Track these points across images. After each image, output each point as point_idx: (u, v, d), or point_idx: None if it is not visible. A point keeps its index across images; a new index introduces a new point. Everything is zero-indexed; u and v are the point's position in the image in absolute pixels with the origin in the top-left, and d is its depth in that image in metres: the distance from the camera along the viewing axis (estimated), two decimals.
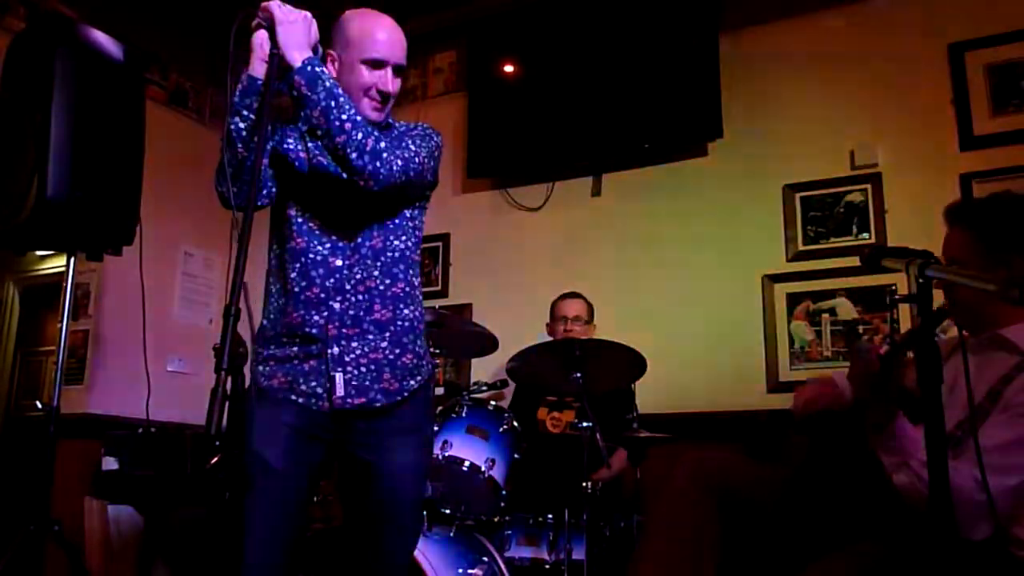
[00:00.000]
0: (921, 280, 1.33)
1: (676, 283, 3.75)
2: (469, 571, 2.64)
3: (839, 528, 1.76)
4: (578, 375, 2.73)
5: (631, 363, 2.81)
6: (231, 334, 1.34)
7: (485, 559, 2.70)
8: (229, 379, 1.36)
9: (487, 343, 3.13)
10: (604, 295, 3.48)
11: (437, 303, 4.01)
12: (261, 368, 1.86)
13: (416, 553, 2.47)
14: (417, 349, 1.91)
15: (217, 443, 1.27)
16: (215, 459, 1.39)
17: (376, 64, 1.83)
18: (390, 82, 1.85)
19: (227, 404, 1.36)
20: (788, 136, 3.66)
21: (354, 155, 1.70)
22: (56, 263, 4.78)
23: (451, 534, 2.74)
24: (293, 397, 1.81)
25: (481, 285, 4.18)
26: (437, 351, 2.91)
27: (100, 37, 2.48)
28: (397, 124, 1.98)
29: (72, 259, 2.56)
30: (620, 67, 3.88)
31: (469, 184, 4.33)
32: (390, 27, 1.87)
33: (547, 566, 2.76)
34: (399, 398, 1.85)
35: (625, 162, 3.97)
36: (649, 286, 3.79)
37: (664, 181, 3.89)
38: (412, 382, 1.88)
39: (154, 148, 2.67)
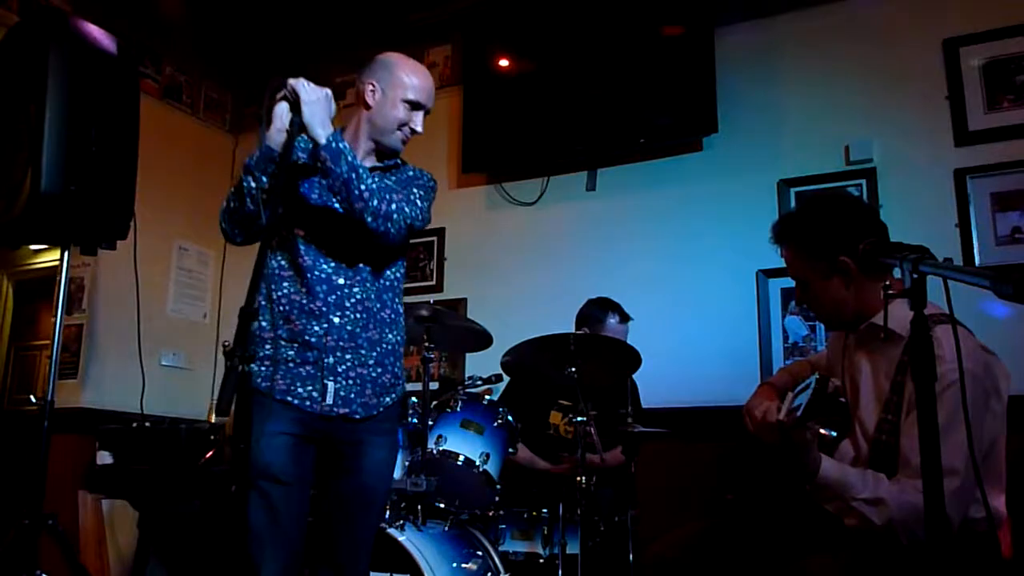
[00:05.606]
0: (916, 276, 1.32)
1: (670, 277, 3.76)
2: (463, 565, 2.63)
3: (793, 544, 1.77)
4: (572, 369, 2.74)
5: (625, 358, 2.82)
6: (247, 332, 1.42)
7: (479, 553, 2.70)
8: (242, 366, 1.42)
9: (481, 338, 3.13)
10: (598, 290, 3.48)
11: (431, 298, 3.99)
12: (256, 367, 1.95)
13: (411, 547, 2.48)
14: (395, 371, 2.12)
15: (213, 438, 1.27)
16: (211, 453, 1.39)
17: (415, 106, 2.09)
18: (420, 124, 2.11)
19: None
20: (783, 131, 3.66)
21: (369, 218, 1.90)
22: (50, 257, 4.75)
23: (445, 528, 2.74)
24: (290, 399, 1.95)
25: (476, 280, 4.18)
26: (432, 346, 2.91)
27: (94, 30, 2.47)
28: (403, 166, 2.17)
29: (66, 253, 2.54)
30: (615, 61, 3.87)
31: (464, 179, 4.32)
32: (429, 76, 2.16)
33: (541, 560, 2.76)
34: (375, 412, 2.04)
35: (620, 157, 3.97)
36: (643, 280, 3.78)
37: (659, 176, 3.89)
38: (387, 399, 2.09)
39: (148, 142, 2.66)
